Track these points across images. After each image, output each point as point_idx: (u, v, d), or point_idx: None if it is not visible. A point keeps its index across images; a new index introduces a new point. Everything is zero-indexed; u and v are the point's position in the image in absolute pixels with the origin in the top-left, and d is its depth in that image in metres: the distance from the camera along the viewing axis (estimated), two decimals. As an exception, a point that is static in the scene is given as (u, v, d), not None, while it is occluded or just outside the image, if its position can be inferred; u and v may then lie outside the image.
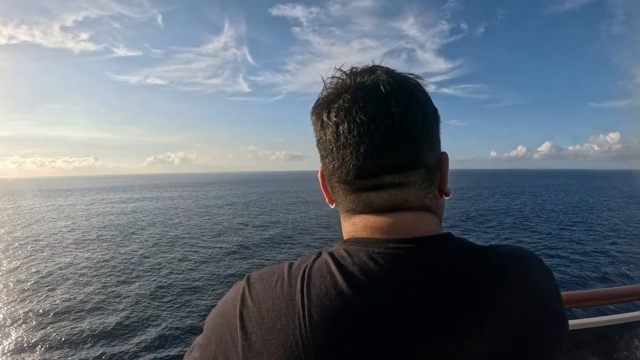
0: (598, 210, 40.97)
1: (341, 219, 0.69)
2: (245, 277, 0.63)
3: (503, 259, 0.59)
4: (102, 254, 21.24)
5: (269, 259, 20.09)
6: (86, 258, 20.43)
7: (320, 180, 0.72)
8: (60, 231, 30.08)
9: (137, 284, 15.87)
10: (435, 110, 0.67)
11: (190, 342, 10.10)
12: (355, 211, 0.65)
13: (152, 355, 10.17)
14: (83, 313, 12.75)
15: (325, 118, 0.64)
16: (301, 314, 0.53)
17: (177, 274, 17.28)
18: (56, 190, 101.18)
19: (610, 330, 1.79)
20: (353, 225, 0.65)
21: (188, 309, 13.21)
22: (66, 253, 21.55)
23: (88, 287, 15.31)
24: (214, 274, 17.21)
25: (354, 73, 0.66)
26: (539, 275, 0.62)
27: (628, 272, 17.40)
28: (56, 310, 13.00)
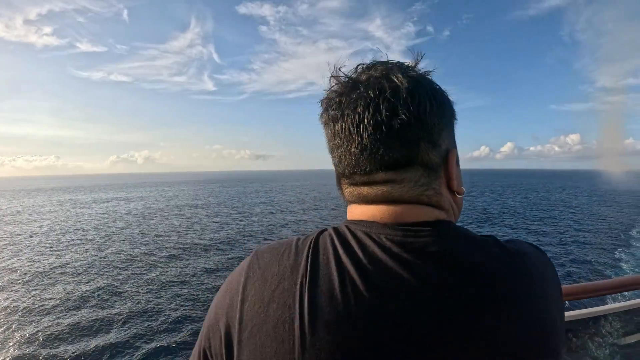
0: (561, 207, 42.78)
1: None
2: (253, 251, 0.67)
3: (509, 254, 0.60)
4: (78, 257, 20.80)
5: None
6: (61, 262, 20.06)
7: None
8: (33, 233, 29.27)
9: (116, 284, 15.75)
10: (442, 104, 0.66)
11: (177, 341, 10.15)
12: (354, 202, 0.69)
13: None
14: (63, 314, 12.60)
15: (326, 117, 0.67)
16: (304, 279, 0.57)
17: (155, 274, 17.23)
18: (20, 191, 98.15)
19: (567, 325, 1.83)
20: (351, 212, 0.69)
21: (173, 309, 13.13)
22: (42, 256, 20.96)
23: (69, 288, 15.07)
24: (193, 274, 17.28)
25: (360, 71, 0.67)
26: (544, 279, 0.61)
27: (591, 264, 18.28)
28: (34, 312, 12.78)
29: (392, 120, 0.60)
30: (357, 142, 0.62)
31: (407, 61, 0.67)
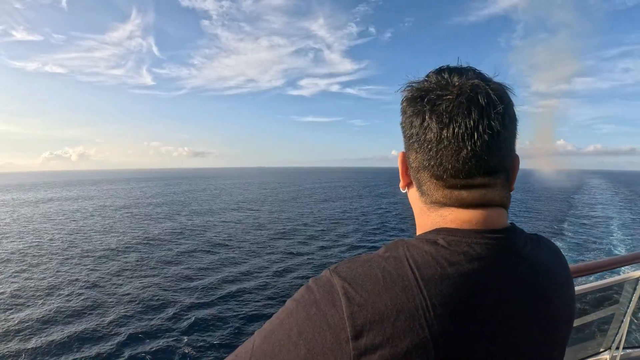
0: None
1: (421, 208, 0.74)
2: (331, 275, 0.63)
3: (553, 251, 0.74)
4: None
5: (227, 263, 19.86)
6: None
7: (400, 165, 0.76)
8: None
9: (56, 294, 15.40)
10: (517, 118, 0.70)
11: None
12: (445, 204, 0.69)
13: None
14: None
15: (427, 117, 0.66)
16: (424, 303, 0.56)
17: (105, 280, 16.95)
18: None
19: None
20: (441, 217, 0.69)
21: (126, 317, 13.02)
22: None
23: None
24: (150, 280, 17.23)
25: (450, 73, 0.69)
26: (567, 266, 0.76)
27: None
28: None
29: (502, 129, 0.64)
30: (469, 147, 0.63)
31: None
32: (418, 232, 0.73)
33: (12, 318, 12.16)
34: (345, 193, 60.88)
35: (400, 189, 0.79)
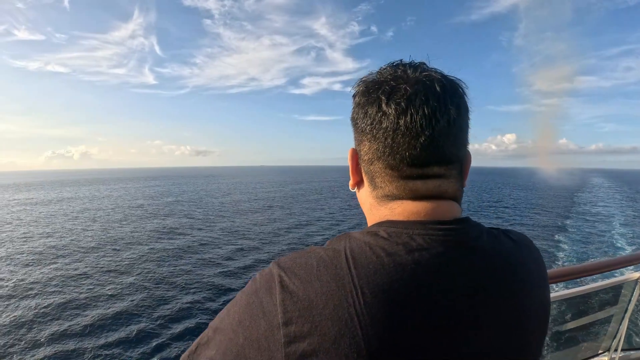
0: (507, 200, 46.22)
1: (371, 203, 0.71)
2: (272, 265, 0.63)
3: (519, 245, 0.69)
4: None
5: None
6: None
7: (350, 162, 0.74)
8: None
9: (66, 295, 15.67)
10: (469, 113, 0.70)
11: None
12: (396, 197, 0.67)
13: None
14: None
15: (384, 105, 0.64)
16: (354, 292, 0.54)
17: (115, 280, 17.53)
18: None
19: None
20: (390, 210, 0.67)
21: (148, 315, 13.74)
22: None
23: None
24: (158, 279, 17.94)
25: (406, 66, 0.69)
26: (543, 266, 0.73)
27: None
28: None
29: (458, 116, 0.64)
30: (427, 133, 0.62)
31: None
32: None
33: (56, 302, 13.09)
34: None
35: (350, 188, 0.77)
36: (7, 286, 15.29)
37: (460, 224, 0.64)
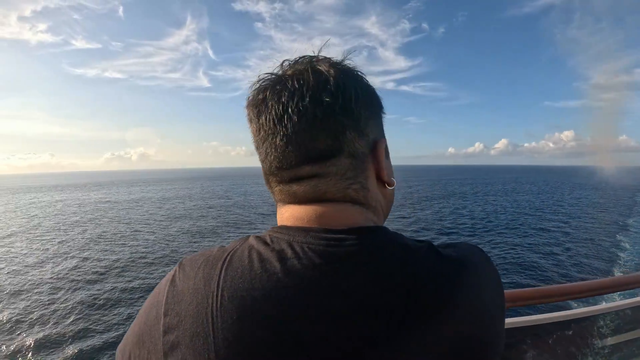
0: (566, 200, 45.78)
1: (276, 208, 0.69)
2: (179, 262, 0.63)
3: (451, 266, 0.56)
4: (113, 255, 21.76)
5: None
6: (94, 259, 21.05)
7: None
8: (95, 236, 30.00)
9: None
10: (369, 95, 0.65)
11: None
12: (284, 202, 0.65)
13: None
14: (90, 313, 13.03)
15: (249, 112, 0.65)
16: (215, 293, 0.53)
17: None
18: (42, 187, 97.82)
19: (541, 329, 1.74)
20: (281, 215, 0.65)
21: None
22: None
23: (96, 289, 15.51)
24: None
25: (282, 67, 0.65)
26: (486, 287, 0.59)
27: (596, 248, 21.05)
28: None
29: (316, 108, 0.59)
30: (282, 133, 0.60)
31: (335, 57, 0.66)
32: None
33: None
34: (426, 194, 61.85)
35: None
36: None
37: (354, 233, 0.56)
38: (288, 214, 0.63)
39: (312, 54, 0.67)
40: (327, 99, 0.59)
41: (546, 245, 21.48)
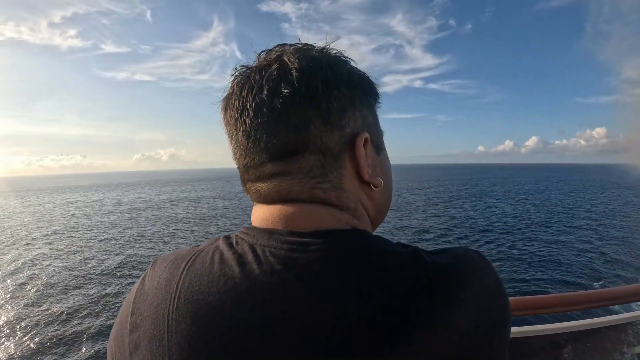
0: (601, 199, 45.33)
1: None
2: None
3: (427, 271, 0.48)
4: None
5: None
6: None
7: None
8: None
9: None
10: (347, 83, 0.57)
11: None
12: (254, 201, 0.61)
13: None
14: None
15: (220, 108, 0.61)
16: (173, 295, 0.50)
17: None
18: (79, 187, 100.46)
19: (559, 338, 1.65)
20: (252, 215, 0.61)
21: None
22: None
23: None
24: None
25: (258, 59, 0.60)
26: (475, 297, 0.49)
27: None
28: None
29: (273, 101, 0.53)
30: (242, 129, 0.56)
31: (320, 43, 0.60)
32: None
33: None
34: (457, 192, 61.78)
35: None
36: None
37: (321, 237, 0.50)
38: (257, 214, 0.59)
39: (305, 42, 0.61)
40: (286, 90, 0.53)
41: (580, 243, 21.64)
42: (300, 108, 0.53)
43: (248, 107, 0.54)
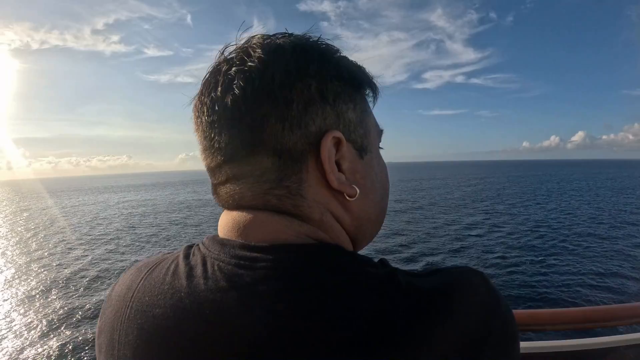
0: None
1: None
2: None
3: (399, 299, 0.40)
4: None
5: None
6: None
7: None
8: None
9: None
10: (318, 74, 0.48)
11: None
12: (219, 205, 0.55)
13: None
14: None
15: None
16: (128, 303, 0.47)
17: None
18: (128, 186, 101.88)
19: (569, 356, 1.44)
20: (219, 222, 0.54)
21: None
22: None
23: None
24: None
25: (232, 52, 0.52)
26: (456, 327, 0.40)
27: None
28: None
29: (225, 97, 0.46)
30: (200, 129, 0.50)
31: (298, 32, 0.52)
32: None
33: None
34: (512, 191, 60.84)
35: None
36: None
37: (271, 253, 0.43)
38: (220, 222, 0.53)
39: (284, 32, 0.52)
40: (240, 85, 0.46)
41: (634, 237, 20.99)
42: (253, 104, 0.46)
43: (203, 105, 0.49)
